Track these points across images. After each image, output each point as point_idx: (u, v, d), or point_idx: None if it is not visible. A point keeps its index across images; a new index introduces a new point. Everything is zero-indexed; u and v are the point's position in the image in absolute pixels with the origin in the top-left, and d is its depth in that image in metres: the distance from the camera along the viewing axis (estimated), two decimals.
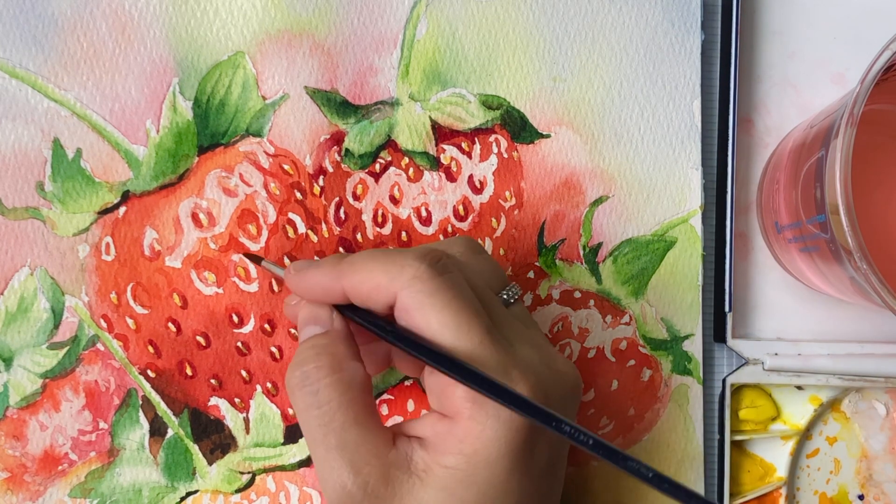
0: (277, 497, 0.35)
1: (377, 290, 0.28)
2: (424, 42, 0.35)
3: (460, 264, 0.29)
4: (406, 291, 0.27)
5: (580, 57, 0.36)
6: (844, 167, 0.28)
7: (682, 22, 0.36)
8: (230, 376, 0.35)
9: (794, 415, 0.38)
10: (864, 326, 0.38)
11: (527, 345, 0.28)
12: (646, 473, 0.23)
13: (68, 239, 0.34)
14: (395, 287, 0.27)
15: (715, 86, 0.37)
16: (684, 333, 0.37)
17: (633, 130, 0.36)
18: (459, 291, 0.27)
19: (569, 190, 0.36)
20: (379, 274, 0.27)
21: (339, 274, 0.29)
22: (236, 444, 0.35)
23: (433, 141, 0.36)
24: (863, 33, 0.38)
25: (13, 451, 0.34)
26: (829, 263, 0.32)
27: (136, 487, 0.34)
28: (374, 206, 0.35)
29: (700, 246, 0.37)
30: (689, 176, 0.37)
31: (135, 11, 0.34)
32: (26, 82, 0.34)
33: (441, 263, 0.28)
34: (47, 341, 0.34)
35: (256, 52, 0.35)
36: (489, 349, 0.27)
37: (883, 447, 0.39)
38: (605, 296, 0.37)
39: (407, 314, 0.27)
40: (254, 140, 0.35)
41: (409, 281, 0.27)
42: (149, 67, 0.34)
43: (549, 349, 0.29)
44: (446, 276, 0.27)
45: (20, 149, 0.34)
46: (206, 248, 0.34)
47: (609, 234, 0.36)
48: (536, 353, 0.28)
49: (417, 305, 0.27)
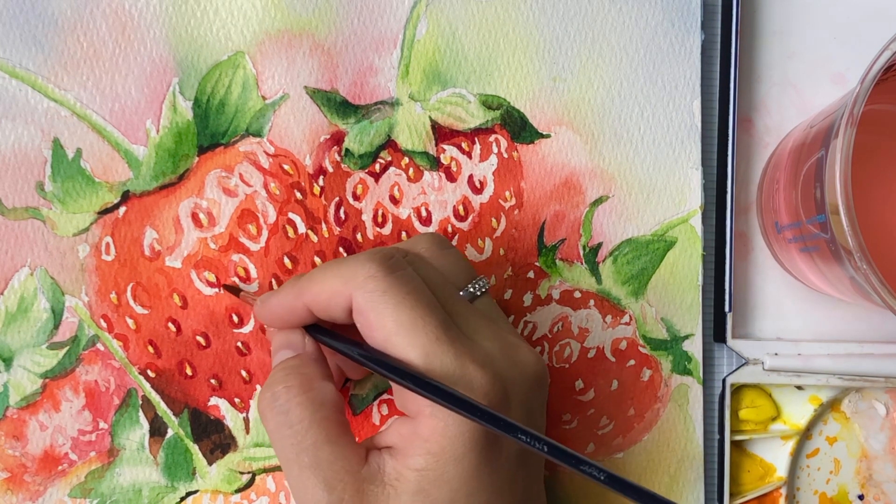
0: (277, 497, 0.35)
1: (334, 296, 0.28)
2: (424, 42, 0.35)
3: (419, 260, 0.29)
4: (359, 292, 0.27)
5: (580, 57, 0.36)
6: (844, 167, 0.28)
7: (682, 22, 0.36)
8: (230, 376, 0.35)
9: (794, 415, 0.38)
10: (864, 326, 0.38)
11: (488, 339, 0.28)
12: (598, 476, 0.24)
13: (68, 239, 0.34)
14: (349, 289, 0.27)
15: (715, 86, 0.37)
16: (684, 333, 0.37)
17: (633, 130, 0.36)
18: (413, 288, 0.27)
19: (569, 190, 0.36)
20: (334, 280, 0.28)
21: (299, 291, 0.29)
22: (236, 444, 0.35)
23: (433, 141, 0.36)
24: (863, 33, 0.38)
25: (13, 451, 0.34)
26: (829, 263, 0.32)
27: (136, 487, 0.34)
28: (374, 206, 0.35)
29: (700, 246, 0.37)
30: (689, 176, 0.37)
31: (135, 11, 0.34)
32: (26, 82, 0.34)
33: (393, 261, 0.28)
34: (47, 341, 0.34)
35: (256, 52, 0.35)
36: (444, 345, 0.26)
37: (883, 447, 0.39)
38: (605, 296, 0.37)
39: (362, 315, 0.27)
40: (254, 140, 0.35)
41: (362, 282, 0.27)
42: (149, 67, 0.34)
43: (512, 340, 0.29)
44: (399, 274, 0.27)
45: (20, 149, 0.34)
46: (206, 248, 0.34)
47: (609, 234, 0.36)
48: (497, 346, 0.28)
49: (371, 306, 0.27)
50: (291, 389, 0.28)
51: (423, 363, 0.26)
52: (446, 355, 0.26)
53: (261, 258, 0.35)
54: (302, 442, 0.27)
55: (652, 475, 0.37)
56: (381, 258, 0.27)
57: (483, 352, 0.27)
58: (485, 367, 0.27)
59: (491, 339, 0.28)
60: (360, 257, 0.28)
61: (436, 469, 0.26)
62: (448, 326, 0.27)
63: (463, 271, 0.30)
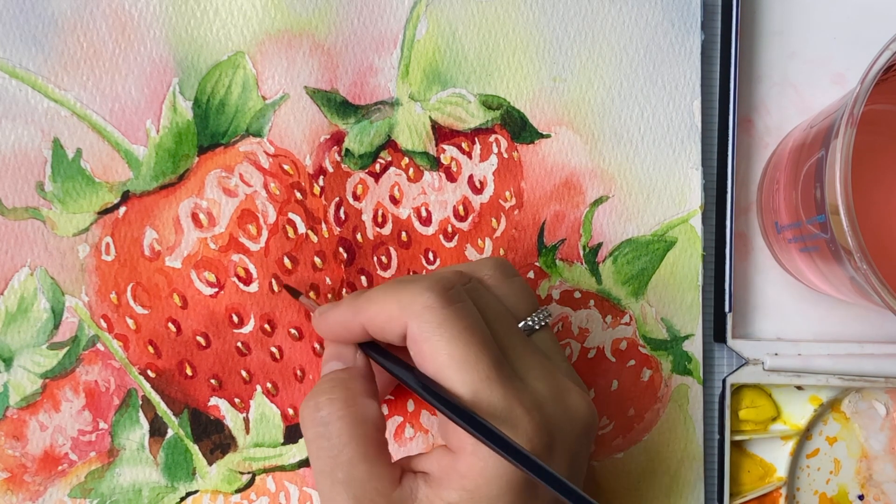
0: (277, 497, 0.35)
1: (390, 321, 0.28)
2: (424, 42, 0.35)
3: (480, 288, 0.29)
4: (415, 321, 0.27)
5: (580, 57, 0.36)
6: (844, 167, 0.28)
7: (682, 22, 0.36)
8: (230, 376, 0.35)
9: (794, 415, 0.38)
10: (864, 326, 0.38)
11: (540, 379, 0.28)
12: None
13: (68, 239, 0.34)
14: (405, 317, 0.27)
15: (715, 86, 0.37)
16: (684, 333, 0.37)
17: (633, 130, 0.36)
18: (469, 323, 0.27)
19: (569, 190, 0.36)
20: (392, 305, 0.28)
21: (357, 309, 0.29)
22: (236, 444, 0.35)
23: (433, 141, 0.36)
24: (863, 33, 0.38)
25: (13, 451, 0.34)
26: (829, 263, 0.32)
27: (136, 487, 0.34)
28: (375, 207, 0.35)
29: (700, 246, 0.37)
30: (689, 176, 0.37)
31: (135, 11, 0.34)
32: (26, 82, 0.34)
33: (453, 292, 0.27)
34: (47, 341, 0.34)
35: (256, 52, 0.35)
36: (494, 384, 0.26)
37: (883, 447, 0.39)
38: (605, 296, 0.37)
39: (416, 344, 0.27)
40: (254, 140, 0.35)
41: (419, 311, 0.27)
42: (149, 67, 0.34)
43: (565, 383, 0.28)
44: (457, 306, 0.27)
45: (20, 149, 0.34)
46: (206, 249, 0.34)
47: (609, 234, 0.36)
48: (548, 388, 0.27)
49: (425, 336, 0.27)
50: (335, 402, 0.28)
51: (471, 401, 0.26)
52: (494, 395, 0.26)
53: (261, 258, 0.35)
54: (338, 456, 0.27)
55: (652, 475, 0.37)
56: (441, 288, 0.27)
57: (533, 394, 0.27)
58: (532, 411, 0.26)
59: (543, 379, 0.28)
60: (420, 283, 0.28)
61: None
62: (500, 365, 0.27)
63: (524, 302, 0.30)
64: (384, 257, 0.35)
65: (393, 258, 0.35)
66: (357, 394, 0.28)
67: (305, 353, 0.35)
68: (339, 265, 0.35)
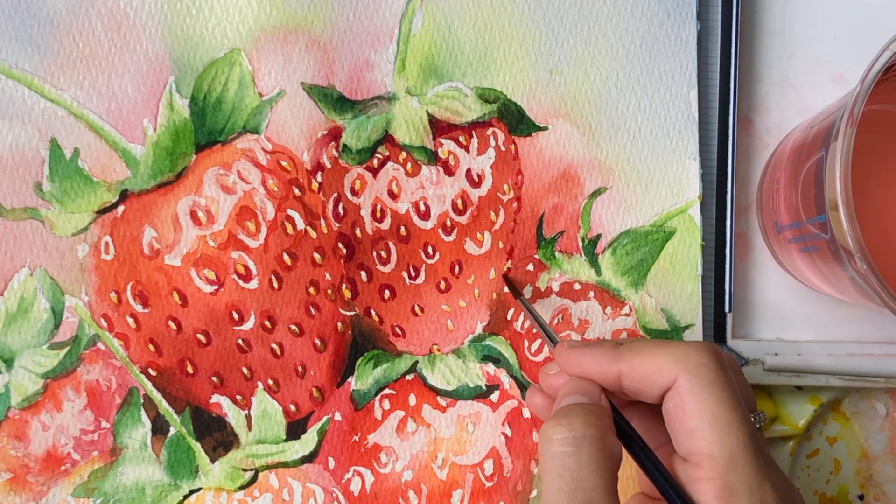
0: (280, 494, 0.35)
1: (658, 371, 0.28)
2: (420, 36, 0.35)
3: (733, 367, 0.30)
4: (688, 375, 0.27)
5: (576, 49, 0.36)
6: (844, 167, 0.28)
7: (678, 12, 0.36)
8: (231, 373, 0.35)
9: (794, 415, 0.38)
10: (864, 326, 0.38)
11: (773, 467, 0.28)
12: None
13: (67, 239, 0.34)
14: (677, 369, 0.27)
15: (712, 78, 0.37)
16: (684, 324, 0.37)
17: (630, 121, 0.36)
18: (734, 390, 0.27)
19: (567, 182, 0.36)
20: (662, 356, 0.28)
21: (618, 356, 0.29)
22: (238, 441, 0.35)
23: (430, 135, 0.36)
24: (863, 33, 0.38)
25: (15, 451, 0.34)
26: (829, 263, 0.32)
27: (139, 486, 0.34)
28: (373, 201, 0.35)
29: (699, 236, 0.37)
30: (686, 166, 0.37)
31: (130, 10, 0.34)
32: (22, 82, 0.34)
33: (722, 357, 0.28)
34: (48, 341, 0.34)
35: (252, 49, 0.35)
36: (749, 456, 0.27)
37: (883, 447, 0.39)
38: (604, 287, 0.37)
39: (681, 398, 0.27)
40: (251, 137, 0.35)
41: (693, 366, 0.27)
42: (145, 66, 0.34)
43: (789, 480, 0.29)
44: (727, 371, 0.28)
45: (17, 149, 0.34)
46: (206, 246, 0.34)
47: (608, 225, 0.36)
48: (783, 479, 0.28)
49: (695, 391, 0.27)
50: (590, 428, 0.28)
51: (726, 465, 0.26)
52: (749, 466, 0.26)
53: (260, 255, 0.35)
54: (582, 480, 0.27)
55: None
56: (715, 350, 0.28)
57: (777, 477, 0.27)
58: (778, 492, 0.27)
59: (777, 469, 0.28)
60: (691, 343, 0.28)
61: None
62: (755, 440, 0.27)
63: (750, 397, 0.30)
64: (383, 252, 0.35)
65: (392, 253, 0.36)
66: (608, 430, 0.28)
67: (306, 349, 0.35)
68: (339, 260, 0.35)
